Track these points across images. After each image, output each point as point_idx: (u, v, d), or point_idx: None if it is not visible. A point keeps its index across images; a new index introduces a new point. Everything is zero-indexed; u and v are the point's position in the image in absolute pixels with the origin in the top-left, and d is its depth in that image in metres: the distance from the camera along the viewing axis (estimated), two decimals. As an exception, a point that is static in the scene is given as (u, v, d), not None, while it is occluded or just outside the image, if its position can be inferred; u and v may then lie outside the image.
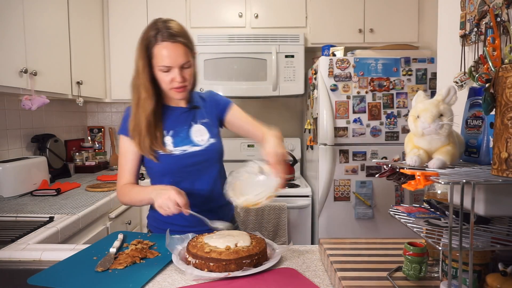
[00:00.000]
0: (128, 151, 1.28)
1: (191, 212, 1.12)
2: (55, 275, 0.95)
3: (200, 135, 1.29)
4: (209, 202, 1.29)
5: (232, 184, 1.13)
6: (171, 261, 1.04)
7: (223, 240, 1.03)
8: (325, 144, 2.30)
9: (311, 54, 2.91)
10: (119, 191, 1.29)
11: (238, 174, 1.13)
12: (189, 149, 1.26)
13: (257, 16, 2.73)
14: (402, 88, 2.32)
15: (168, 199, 1.08)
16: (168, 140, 1.26)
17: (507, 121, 0.63)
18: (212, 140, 1.30)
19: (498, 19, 1.09)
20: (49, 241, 1.34)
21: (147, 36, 1.19)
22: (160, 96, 1.26)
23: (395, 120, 2.33)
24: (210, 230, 1.18)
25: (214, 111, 1.36)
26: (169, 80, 1.20)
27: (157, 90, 1.24)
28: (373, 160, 2.35)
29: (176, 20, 1.23)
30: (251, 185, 1.06)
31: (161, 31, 1.17)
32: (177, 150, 1.25)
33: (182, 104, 1.32)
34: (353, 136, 2.33)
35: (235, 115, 1.37)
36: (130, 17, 2.74)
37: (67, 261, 1.04)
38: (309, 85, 2.69)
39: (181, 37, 1.17)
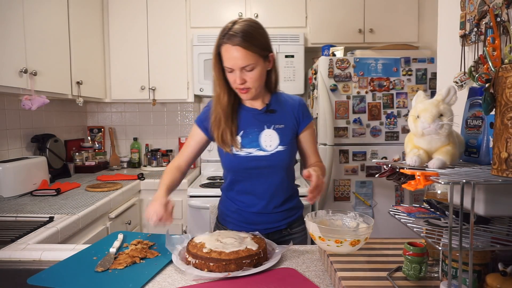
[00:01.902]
0: (193, 138, 1.36)
1: (168, 226, 1.18)
2: (55, 275, 0.95)
3: (269, 141, 1.28)
4: (265, 206, 1.31)
5: (321, 219, 1.09)
6: (171, 261, 1.04)
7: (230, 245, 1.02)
8: (325, 144, 2.30)
9: (311, 54, 2.92)
10: (166, 169, 1.36)
11: (334, 216, 1.10)
12: (255, 152, 1.27)
13: (257, 16, 2.73)
14: (402, 88, 2.33)
15: (153, 211, 1.13)
16: (237, 140, 1.29)
17: (507, 121, 0.63)
18: (280, 148, 1.28)
19: (498, 19, 1.09)
20: (49, 241, 1.34)
21: (218, 36, 1.21)
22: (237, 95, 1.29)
23: (395, 120, 2.33)
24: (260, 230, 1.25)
25: (293, 120, 1.33)
26: (232, 81, 1.22)
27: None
28: (373, 160, 2.36)
29: (249, 20, 1.21)
30: (341, 232, 0.99)
31: (226, 32, 1.18)
32: (243, 152, 1.27)
33: (258, 105, 1.32)
34: (353, 136, 2.33)
35: (307, 136, 1.36)
36: (130, 17, 2.74)
37: (67, 261, 1.04)
38: (309, 85, 2.69)
39: (242, 39, 1.15)
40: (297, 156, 1.36)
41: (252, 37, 1.17)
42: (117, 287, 0.89)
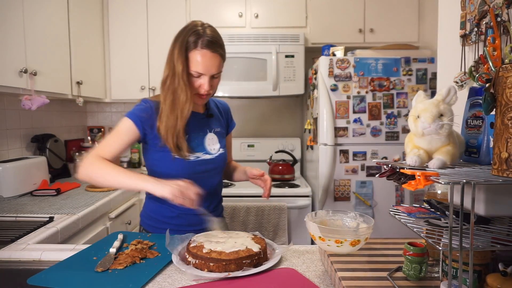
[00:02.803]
0: (126, 134, 1.23)
1: (201, 208, 1.13)
2: (55, 275, 0.95)
3: (212, 144, 1.32)
4: (207, 207, 1.29)
5: (321, 219, 1.08)
6: (171, 261, 1.04)
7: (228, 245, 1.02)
8: (325, 144, 2.30)
9: (311, 54, 2.91)
10: (91, 160, 1.18)
11: (334, 216, 1.10)
12: (202, 156, 1.28)
13: (257, 16, 2.73)
14: (402, 88, 2.32)
15: (189, 188, 1.08)
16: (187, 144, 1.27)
17: (507, 121, 0.63)
18: (221, 150, 1.34)
19: (498, 19, 1.09)
20: (49, 241, 1.34)
21: (186, 40, 1.17)
22: None
23: (395, 120, 2.33)
24: (203, 230, 1.22)
25: (224, 124, 1.43)
26: (197, 86, 1.21)
27: None
28: (373, 160, 2.35)
29: (213, 27, 1.23)
30: (341, 232, 0.99)
31: (202, 37, 1.16)
32: (192, 156, 1.26)
33: (200, 109, 1.34)
34: (353, 136, 2.33)
35: (229, 139, 1.49)
36: (130, 17, 2.74)
37: (67, 261, 1.04)
38: (309, 85, 2.69)
39: (221, 49, 1.20)
40: (297, 156, 1.36)
41: (223, 45, 1.22)
42: (117, 287, 0.89)
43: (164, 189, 1.08)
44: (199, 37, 1.16)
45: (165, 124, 1.20)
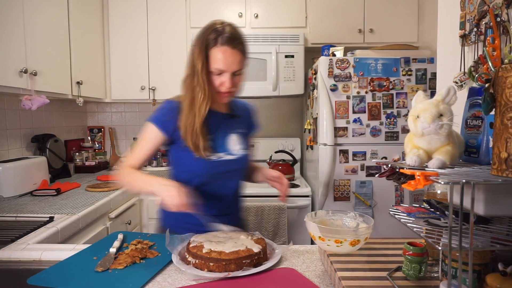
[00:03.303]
0: (150, 141, 1.25)
1: (198, 212, 1.11)
2: (55, 275, 0.95)
3: (235, 145, 1.30)
4: (227, 208, 1.32)
5: (320, 219, 1.08)
6: (171, 261, 1.04)
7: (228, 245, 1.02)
8: (325, 144, 2.30)
9: (311, 54, 2.91)
10: (122, 171, 1.24)
11: (334, 216, 1.09)
12: (224, 156, 1.27)
13: (257, 16, 2.73)
14: (402, 88, 2.32)
15: (177, 196, 1.05)
16: (209, 144, 1.25)
17: (506, 121, 0.63)
18: (245, 151, 1.32)
19: (498, 19, 1.09)
20: (49, 241, 1.34)
21: (206, 38, 1.17)
22: None
23: (395, 120, 2.33)
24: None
25: (249, 125, 1.41)
26: (218, 84, 1.20)
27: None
28: (373, 160, 2.35)
29: (234, 24, 1.22)
30: (341, 232, 0.99)
31: (222, 34, 1.16)
32: (214, 156, 1.25)
33: (223, 109, 1.33)
34: (353, 136, 2.33)
35: (251, 141, 1.45)
36: (130, 17, 2.74)
37: (67, 261, 1.04)
38: (309, 85, 2.69)
39: (241, 45, 1.18)
40: (297, 156, 1.36)
41: (244, 41, 1.21)
42: (117, 287, 0.89)
43: (161, 196, 1.07)
44: (218, 34, 1.16)
45: (184, 123, 1.21)
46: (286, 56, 2.69)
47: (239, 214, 1.41)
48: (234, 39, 1.16)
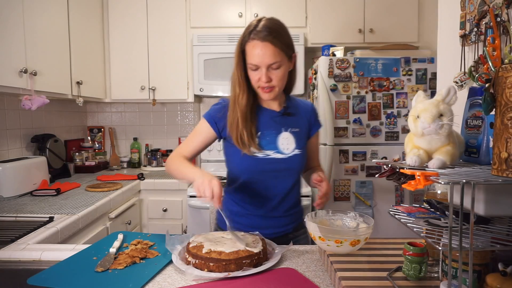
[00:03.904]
0: (200, 134, 1.30)
1: (220, 209, 1.10)
2: (55, 275, 0.95)
3: (286, 144, 1.27)
4: (275, 210, 1.30)
5: (321, 219, 1.08)
6: (171, 261, 1.04)
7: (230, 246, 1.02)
8: (325, 144, 2.30)
9: (311, 54, 2.92)
10: (171, 157, 1.29)
11: (334, 216, 1.09)
12: (272, 155, 1.25)
13: (257, 16, 2.73)
14: (402, 88, 2.32)
15: (209, 184, 1.06)
16: (256, 141, 1.25)
17: (507, 121, 0.63)
18: (297, 151, 1.27)
19: (498, 19, 1.09)
20: (49, 241, 1.34)
21: (243, 33, 1.19)
22: (256, 95, 1.26)
23: (395, 120, 2.33)
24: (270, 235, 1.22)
25: (307, 124, 1.34)
26: (256, 79, 1.19)
27: (252, 87, 1.24)
28: (373, 160, 2.35)
29: (273, 18, 1.20)
30: (341, 232, 0.99)
31: (254, 29, 1.16)
32: (261, 153, 1.25)
33: (275, 107, 1.30)
34: (353, 136, 2.33)
35: (314, 141, 1.40)
36: (130, 17, 2.74)
37: (67, 261, 1.04)
38: (309, 85, 2.69)
39: (272, 37, 1.14)
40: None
41: (280, 34, 1.17)
42: (117, 287, 0.89)
43: (196, 182, 1.10)
44: (252, 29, 1.17)
45: (229, 119, 1.25)
46: (286, 56, 2.68)
47: (288, 220, 1.32)
48: (265, 32, 1.14)
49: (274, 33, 1.15)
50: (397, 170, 0.83)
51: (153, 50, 2.76)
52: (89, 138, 3.13)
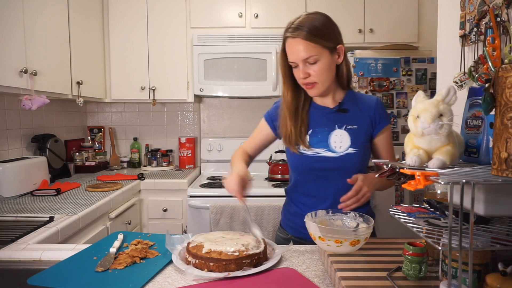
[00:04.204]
0: (260, 132, 1.38)
1: (246, 204, 1.14)
2: (55, 275, 0.95)
3: (340, 142, 1.21)
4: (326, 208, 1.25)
5: (320, 219, 1.07)
6: (171, 261, 1.04)
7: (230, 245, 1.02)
8: (325, 144, 2.30)
9: (311, 54, 2.91)
10: (235, 151, 1.36)
11: (334, 216, 1.08)
12: (323, 153, 1.21)
13: (257, 16, 2.73)
14: (402, 88, 2.33)
15: (229, 181, 1.13)
16: (306, 138, 1.24)
17: (506, 121, 0.63)
18: (351, 150, 1.21)
19: (498, 19, 1.09)
20: (49, 241, 1.34)
21: (284, 31, 1.19)
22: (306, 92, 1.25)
23: (395, 120, 2.33)
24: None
25: (368, 121, 1.25)
26: (297, 76, 1.19)
27: (299, 85, 1.24)
28: (373, 160, 2.35)
29: (313, 13, 1.21)
30: (341, 232, 0.99)
31: (289, 26, 1.16)
32: (310, 151, 1.22)
33: (329, 103, 1.26)
34: (353, 136, 2.33)
35: (382, 140, 1.28)
36: (130, 17, 2.74)
37: (67, 261, 1.04)
38: (309, 85, 2.69)
39: (302, 31, 1.12)
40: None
41: (313, 27, 1.13)
42: (117, 287, 0.89)
43: (226, 176, 1.16)
44: (288, 27, 1.17)
45: (279, 117, 1.28)
46: (286, 56, 2.69)
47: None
48: (296, 28, 1.13)
49: (307, 27, 1.13)
50: (397, 170, 0.83)
51: (153, 50, 2.76)
52: (89, 138, 3.13)
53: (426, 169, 0.75)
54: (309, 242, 1.15)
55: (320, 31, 1.14)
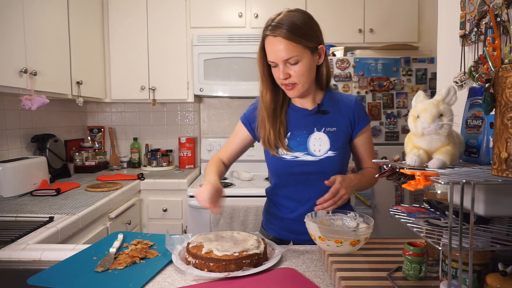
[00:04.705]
0: (237, 135, 1.31)
1: (212, 213, 1.11)
2: (55, 275, 0.95)
3: (319, 145, 1.18)
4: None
5: (320, 219, 1.07)
6: (171, 261, 1.04)
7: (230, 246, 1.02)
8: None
9: (311, 54, 2.91)
10: (209, 161, 1.31)
11: (334, 216, 1.08)
12: (301, 157, 1.18)
13: (257, 16, 2.73)
14: (402, 88, 2.33)
15: (200, 192, 1.07)
16: (284, 142, 1.20)
17: (507, 121, 0.63)
18: (331, 153, 1.18)
19: (498, 19, 1.09)
20: (49, 241, 1.34)
21: (263, 29, 1.13)
22: (285, 93, 1.20)
23: (395, 120, 2.33)
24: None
25: (347, 122, 1.21)
26: (277, 76, 1.14)
27: (278, 85, 1.19)
28: (373, 160, 2.35)
29: (294, 10, 1.13)
30: (341, 232, 0.99)
31: (270, 23, 1.10)
32: (289, 155, 1.18)
33: (308, 105, 1.22)
34: (353, 136, 2.33)
35: (362, 141, 1.24)
36: (130, 17, 2.74)
37: (67, 261, 1.04)
38: (309, 85, 2.69)
39: (283, 30, 1.07)
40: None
41: (295, 26, 1.08)
42: (117, 287, 0.89)
43: (198, 188, 1.11)
44: (268, 24, 1.11)
45: (257, 119, 1.24)
46: (286, 56, 2.68)
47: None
48: (277, 26, 1.07)
49: (288, 25, 1.07)
50: (397, 170, 0.83)
51: (153, 50, 2.76)
52: (89, 138, 3.13)
53: (426, 169, 0.75)
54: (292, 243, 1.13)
55: (302, 30, 1.09)
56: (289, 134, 1.20)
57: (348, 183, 1.13)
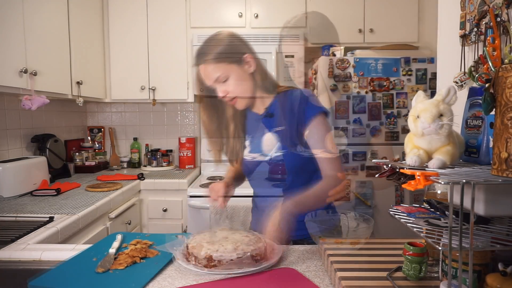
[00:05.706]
0: None
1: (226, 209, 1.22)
2: (55, 277, 0.95)
3: (270, 145, 1.26)
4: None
5: (321, 219, 1.09)
6: (171, 261, 1.04)
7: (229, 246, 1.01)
8: (325, 144, 2.30)
9: (311, 54, 2.91)
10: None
11: (334, 216, 1.10)
12: (258, 157, 1.29)
13: (257, 16, 2.73)
14: (402, 88, 2.33)
15: (212, 189, 1.27)
16: (247, 145, 1.33)
17: (507, 121, 0.63)
18: (281, 151, 1.22)
19: (498, 19, 1.09)
20: (49, 241, 1.34)
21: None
22: None
23: (395, 120, 2.33)
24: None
25: (294, 119, 1.20)
26: (219, 96, 1.23)
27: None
28: (373, 160, 2.35)
29: (212, 35, 1.27)
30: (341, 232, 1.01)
31: (195, 54, 1.23)
32: (249, 156, 1.31)
33: (259, 110, 1.30)
34: (353, 136, 2.33)
35: (310, 135, 1.19)
36: (130, 17, 2.74)
37: (67, 263, 1.04)
38: (309, 85, 2.69)
39: (201, 58, 1.20)
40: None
41: (209, 49, 1.19)
42: (119, 287, 0.89)
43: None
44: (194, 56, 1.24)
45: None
46: (286, 56, 2.69)
47: (303, 225, 1.13)
48: (198, 56, 1.21)
49: (203, 53, 1.20)
50: (397, 170, 0.83)
51: (153, 50, 2.76)
52: (89, 138, 3.13)
53: (426, 169, 0.75)
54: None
55: (216, 48, 1.19)
56: (249, 138, 1.32)
57: (283, 214, 1.11)
